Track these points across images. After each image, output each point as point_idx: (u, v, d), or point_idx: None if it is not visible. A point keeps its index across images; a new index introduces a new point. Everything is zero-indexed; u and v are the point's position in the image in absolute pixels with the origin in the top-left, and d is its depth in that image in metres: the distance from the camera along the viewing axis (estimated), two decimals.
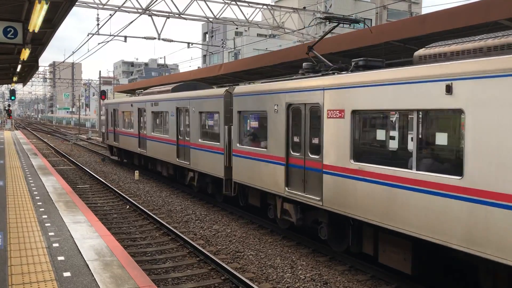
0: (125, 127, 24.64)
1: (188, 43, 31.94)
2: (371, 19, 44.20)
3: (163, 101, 19.07)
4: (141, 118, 22.14)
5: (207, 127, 15.33)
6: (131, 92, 46.32)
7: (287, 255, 10.37)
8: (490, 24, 10.89)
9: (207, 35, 66.29)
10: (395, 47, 14.55)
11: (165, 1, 23.84)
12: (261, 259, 10.11)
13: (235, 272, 8.74)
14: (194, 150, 15.84)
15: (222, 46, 44.77)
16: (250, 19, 27.43)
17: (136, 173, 22.15)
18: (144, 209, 14.26)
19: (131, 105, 23.42)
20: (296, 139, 10.30)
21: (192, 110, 16.06)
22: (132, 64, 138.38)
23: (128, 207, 15.41)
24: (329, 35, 17.44)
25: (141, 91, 24.37)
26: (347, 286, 8.57)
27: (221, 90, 14.29)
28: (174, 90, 19.28)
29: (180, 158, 17.30)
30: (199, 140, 15.49)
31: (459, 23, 11.25)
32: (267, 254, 10.45)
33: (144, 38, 28.77)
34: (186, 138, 16.77)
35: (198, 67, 68.96)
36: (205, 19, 26.23)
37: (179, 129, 17.50)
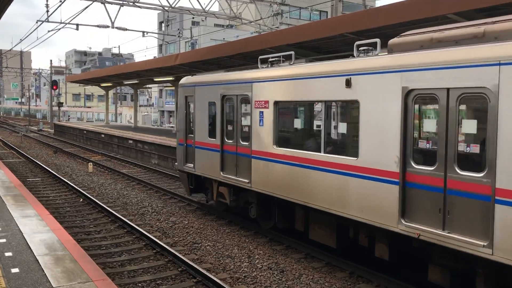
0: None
1: (143, 32, 31.27)
2: (327, 12, 44.71)
3: None
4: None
5: None
6: (85, 82, 44.86)
7: (245, 245, 10.42)
8: (439, 17, 11.21)
9: (163, 24, 65.07)
10: (350, 39, 14.67)
11: None
12: (219, 250, 10.11)
13: (192, 263, 8.70)
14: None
15: (179, 36, 44.07)
16: (207, 9, 27.14)
17: (90, 165, 21.56)
18: (99, 202, 13.92)
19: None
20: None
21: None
22: (85, 53, 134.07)
23: (81, 200, 14.99)
24: (285, 26, 17.58)
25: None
26: (303, 273, 8.73)
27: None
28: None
29: None
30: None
31: (409, 16, 11.57)
32: (224, 245, 10.46)
33: (97, 26, 27.89)
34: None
35: (154, 56, 67.62)
36: (161, 8, 25.70)
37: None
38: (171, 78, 29.39)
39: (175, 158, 22.99)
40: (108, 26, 26.93)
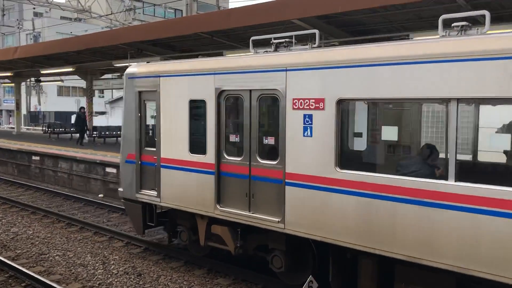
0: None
1: None
2: (182, 10, 44.64)
3: None
4: None
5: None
6: None
7: (99, 251, 9.85)
8: (286, 22, 11.99)
9: None
10: (204, 39, 14.87)
11: None
12: (70, 259, 9.40)
13: (38, 276, 7.94)
14: None
15: (18, 27, 39.80)
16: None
17: None
18: None
19: None
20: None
21: None
22: None
23: None
24: (138, 23, 17.10)
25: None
26: (161, 274, 8.58)
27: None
28: None
29: None
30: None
31: (259, 19, 12.10)
32: (76, 253, 9.75)
33: None
34: None
35: None
36: None
37: None
38: (9, 74, 26.40)
39: (17, 163, 20.74)
40: None
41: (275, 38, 7.66)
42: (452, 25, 5.89)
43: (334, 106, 6.37)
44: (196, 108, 8.27)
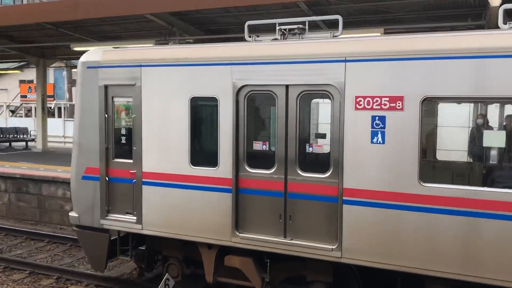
0: None
1: None
2: None
3: None
4: None
5: None
6: None
7: None
8: (139, 16, 12.06)
9: None
10: (49, 30, 14.10)
11: None
12: None
13: None
14: None
15: None
16: None
17: None
18: None
19: None
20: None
21: None
22: None
23: None
24: None
25: None
26: None
27: None
28: None
29: None
30: None
31: (110, 12, 11.87)
32: None
33: None
34: None
35: None
36: None
37: None
38: None
39: None
40: None
41: (280, 24, 6.28)
42: None
43: (417, 106, 5.20)
44: (201, 108, 6.42)
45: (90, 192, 7.12)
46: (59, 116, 33.43)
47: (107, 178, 6.99)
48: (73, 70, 30.18)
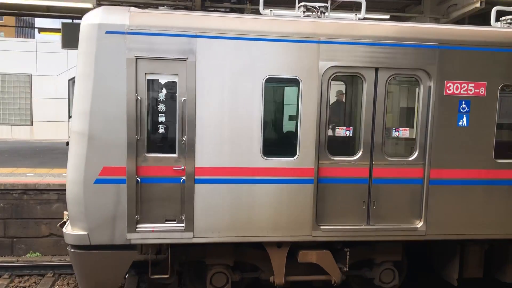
0: None
1: None
2: None
3: None
4: None
5: None
6: None
7: None
8: None
9: None
10: None
11: None
12: None
13: None
14: None
15: None
16: None
17: None
18: None
19: None
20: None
21: None
22: None
23: None
24: None
25: None
26: None
27: None
28: None
29: None
30: None
31: None
32: None
33: None
34: None
35: None
36: None
37: None
38: None
39: None
40: None
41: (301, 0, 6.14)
42: None
43: (496, 92, 5.81)
44: (278, 91, 5.57)
45: (110, 199, 5.36)
46: None
47: (138, 179, 5.39)
48: None
